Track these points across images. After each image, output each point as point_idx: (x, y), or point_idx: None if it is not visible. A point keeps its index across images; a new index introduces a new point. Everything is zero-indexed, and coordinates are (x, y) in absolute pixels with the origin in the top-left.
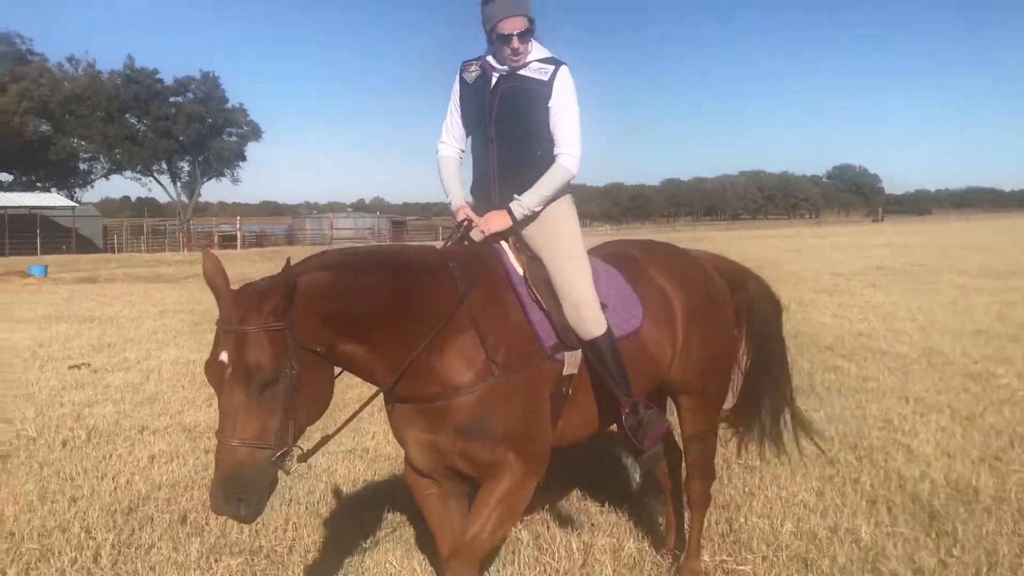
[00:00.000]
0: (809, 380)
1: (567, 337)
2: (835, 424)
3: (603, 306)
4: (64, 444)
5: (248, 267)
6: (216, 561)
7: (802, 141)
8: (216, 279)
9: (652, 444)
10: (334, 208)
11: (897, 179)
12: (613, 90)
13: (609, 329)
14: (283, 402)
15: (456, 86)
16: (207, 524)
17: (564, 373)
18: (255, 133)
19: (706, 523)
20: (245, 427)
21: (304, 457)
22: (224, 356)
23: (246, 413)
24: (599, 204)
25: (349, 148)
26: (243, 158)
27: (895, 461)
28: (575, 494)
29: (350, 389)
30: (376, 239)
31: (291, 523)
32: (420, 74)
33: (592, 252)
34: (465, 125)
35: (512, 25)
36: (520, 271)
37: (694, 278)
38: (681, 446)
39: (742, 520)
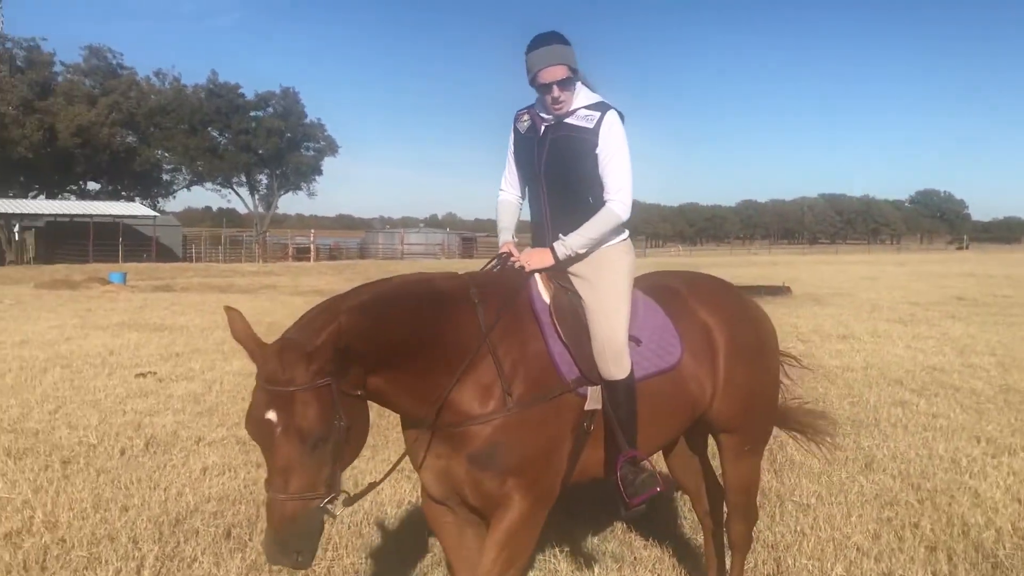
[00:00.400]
0: (874, 415)
1: (591, 372)
2: (898, 463)
3: (637, 341)
4: (122, 452)
5: (318, 279)
6: None
7: (885, 164)
8: (247, 338)
9: (639, 504)
10: (407, 223)
11: (985, 205)
12: (691, 109)
13: (631, 375)
14: (333, 453)
15: (512, 136)
16: (250, 540)
17: (586, 408)
18: (331, 148)
19: (751, 563)
20: (297, 482)
21: (350, 501)
22: (272, 415)
23: (298, 469)
24: (673, 224)
25: (424, 164)
26: (319, 172)
27: (960, 505)
28: (619, 527)
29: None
30: (445, 255)
31: (332, 543)
32: (495, 92)
33: (635, 283)
34: (519, 175)
35: (551, 74)
36: (546, 299)
37: (739, 314)
38: (723, 484)
39: (791, 561)
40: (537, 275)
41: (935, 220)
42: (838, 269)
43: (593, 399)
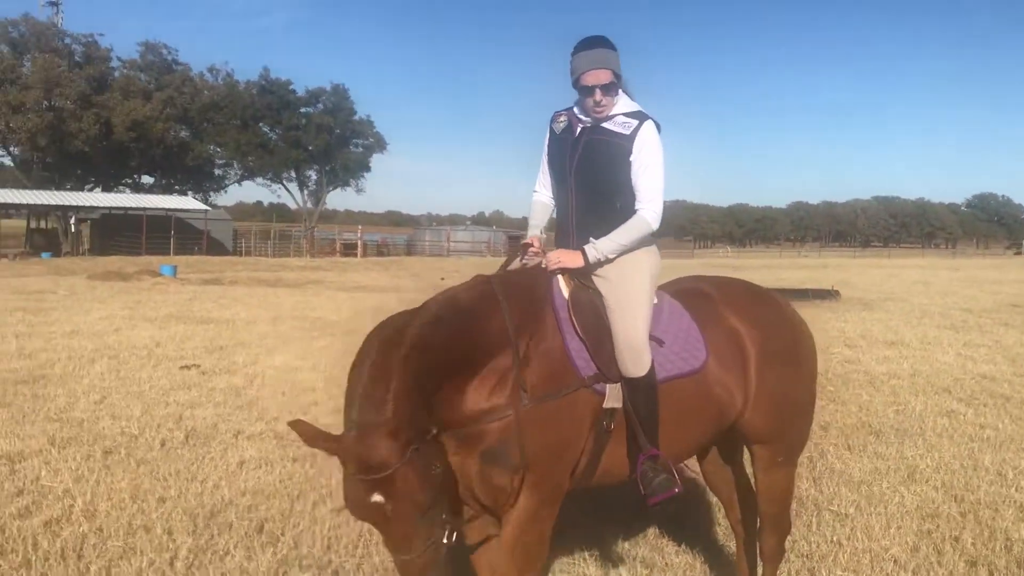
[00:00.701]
0: (919, 424)
1: (609, 369)
2: (942, 474)
3: (660, 342)
4: (162, 444)
5: (364, 275)
6: (285, 573)
7: (941, 167)
8: (321, 441)
9: (657, 504)
10: (454, 220)
11: None
12: (742, 108)
13: (651, 374)
14: (442, 502)
15: (547, 136)
16: (282, 535)
17: (605, 406)
18: (380, 145)
19: (784, 572)
20: (421, 541)
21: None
22: (378, 498)
23: (418, 531)
24: (722, 225)
25: (472, 161)
26: (367, 168)
27: (1003, 519)
28: (651, 531)
29: None
30: (491, 252)
31: (363, 540)
32: (543, 91)
33: (665, 286)
34: (551, 175)
35: (595, 78)
36: (565, 295)
37: (773, 320)
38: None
39: (825, 572)
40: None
41: (992, 224)
42: (890, 273)
43: (612, 397)
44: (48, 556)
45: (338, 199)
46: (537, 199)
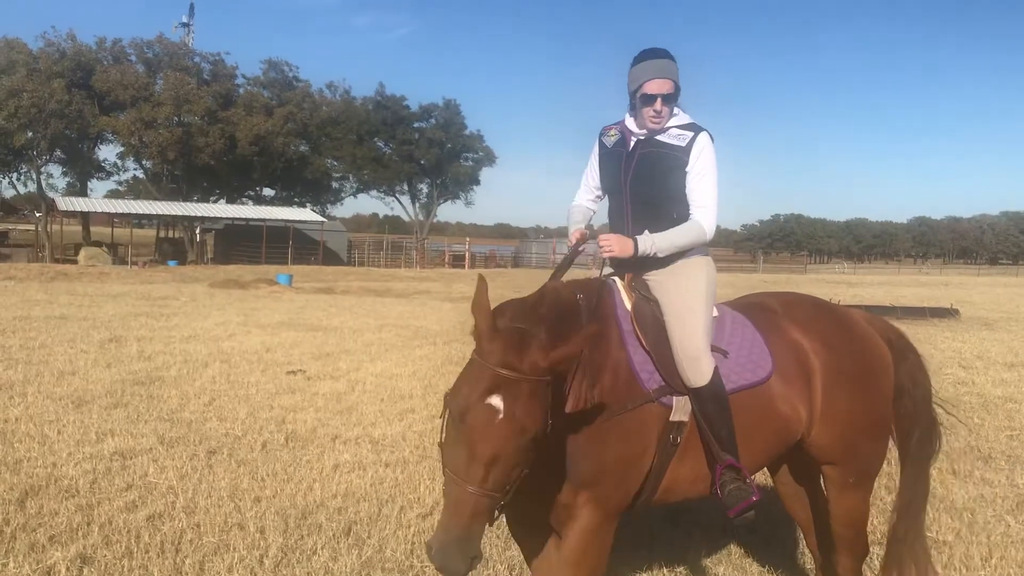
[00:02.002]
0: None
1: (675, 381)
2: None
3: (724, 353)
4: (264, 446)
5: (470, 286)
6: (367, 575)
7: None
8: (485, 314)
9: (737, 514)
10: (562, 232)
11: None
12: (864, 120)
13: (716, 381)
14: (532, 456)
15: (595, 149)
16: (368, 538)
17: (671, 419)
18: (490, 158)
19: None
20: (494, 477)
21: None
22: (496, 400)
23: (501, 464)
24: (839, 240)
25: (579, 175)
26: (477, 182)
27: None
28: (735, 550)
29: None
30: (596, 265)
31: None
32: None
33: (729, 302)
34: (603, 188)
35: (657, 87)
36: (628, 307)
37: (842, 337)
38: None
39: None
40: (619, 283)
41: None
42: (1017, 292)
43: (679, 410)
44: (148, 548)
45: (449, 212)
46: (576, 204)
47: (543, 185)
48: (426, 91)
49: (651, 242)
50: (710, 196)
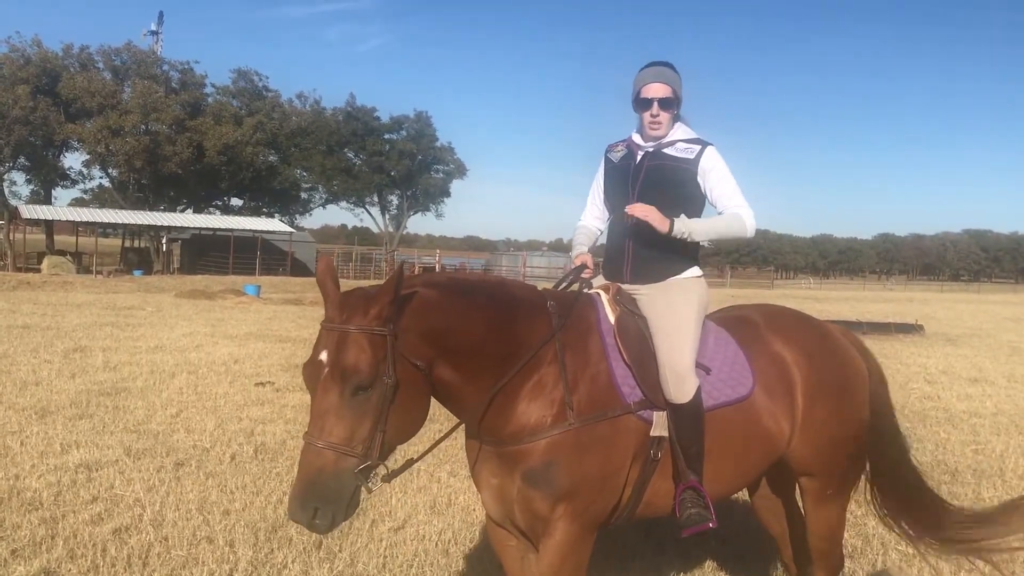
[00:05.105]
0: (999, 464)
1: (656, 396)
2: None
3: (706, 370)
4: (232, 458)
5: None
6: None
7: None
8: (327, 282)
9: (690, 535)
10: (532, 246)
11: None
12: (829, 138)
13: (697, 399)
14: (375, 411)
15: (601, 167)
16: (340, 551)
17: (652, 434)
18: (460, 171)
19: None
20: (334, 430)
21: (389, 477)
22: (323, 355)
23: (336, 416)
24: (805, 256)
25: (550, 187)
26: (447, 194)
27: None
28: (708, 565)
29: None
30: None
31: (417, 560)
32: (622, 118)
33: (710, 315)
34: (608, 203)
35: (654, 91)
36: (611, 320)
37: (821, 349)
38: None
39: None
40: (604, 297)
41: None
42: (979, 308)
43: (659, 425)
44: (115, 562)
45: (419, 224)
46: (583, 224)
47: (513, 198)
48: (397, 103)
49: (688, 224)
50: (738, 191)
